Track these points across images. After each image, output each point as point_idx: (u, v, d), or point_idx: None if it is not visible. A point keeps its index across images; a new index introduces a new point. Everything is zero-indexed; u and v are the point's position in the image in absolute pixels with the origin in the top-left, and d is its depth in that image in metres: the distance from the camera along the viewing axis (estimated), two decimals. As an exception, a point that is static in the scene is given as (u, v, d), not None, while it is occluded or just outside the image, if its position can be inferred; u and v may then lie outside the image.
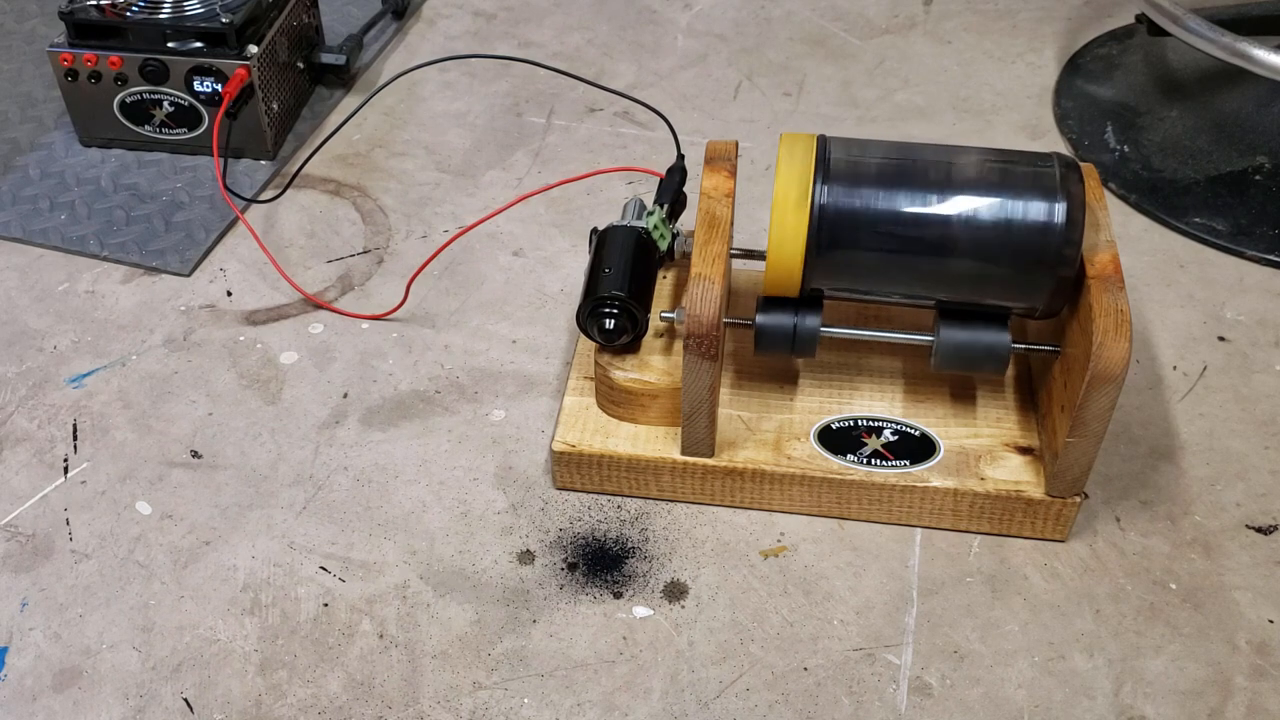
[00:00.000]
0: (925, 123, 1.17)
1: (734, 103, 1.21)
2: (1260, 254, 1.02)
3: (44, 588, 0.78)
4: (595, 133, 1.16)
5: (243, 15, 1.06)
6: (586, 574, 0.78)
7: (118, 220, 1.05)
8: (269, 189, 1.09)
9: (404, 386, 0.91)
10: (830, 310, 0.79)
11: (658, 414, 0.81)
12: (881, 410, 0.82)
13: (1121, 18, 1.31)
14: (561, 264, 1.02)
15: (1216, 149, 1.12)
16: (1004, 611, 0.76)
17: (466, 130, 1.17)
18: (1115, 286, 0.71)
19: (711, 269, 0.73)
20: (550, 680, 0.72)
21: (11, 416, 0.89)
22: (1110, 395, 0.70)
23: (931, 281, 0.75)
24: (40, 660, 0.74)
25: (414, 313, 0.97)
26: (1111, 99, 1.20)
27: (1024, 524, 0.79)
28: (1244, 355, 0.93)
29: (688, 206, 0.90)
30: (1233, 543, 0.80)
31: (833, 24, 1.32)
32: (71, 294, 0.99)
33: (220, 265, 1.02)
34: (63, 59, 1.07)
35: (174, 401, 0.90)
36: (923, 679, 0.72)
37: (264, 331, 0.96)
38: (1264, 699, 0.71)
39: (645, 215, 0.84)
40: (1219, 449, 0.86)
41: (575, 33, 1.31)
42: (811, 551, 0.79)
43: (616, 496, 0.83)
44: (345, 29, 1.27)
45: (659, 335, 0.83)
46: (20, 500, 0.83)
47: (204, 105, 1.08)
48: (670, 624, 0.75)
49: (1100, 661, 0.73)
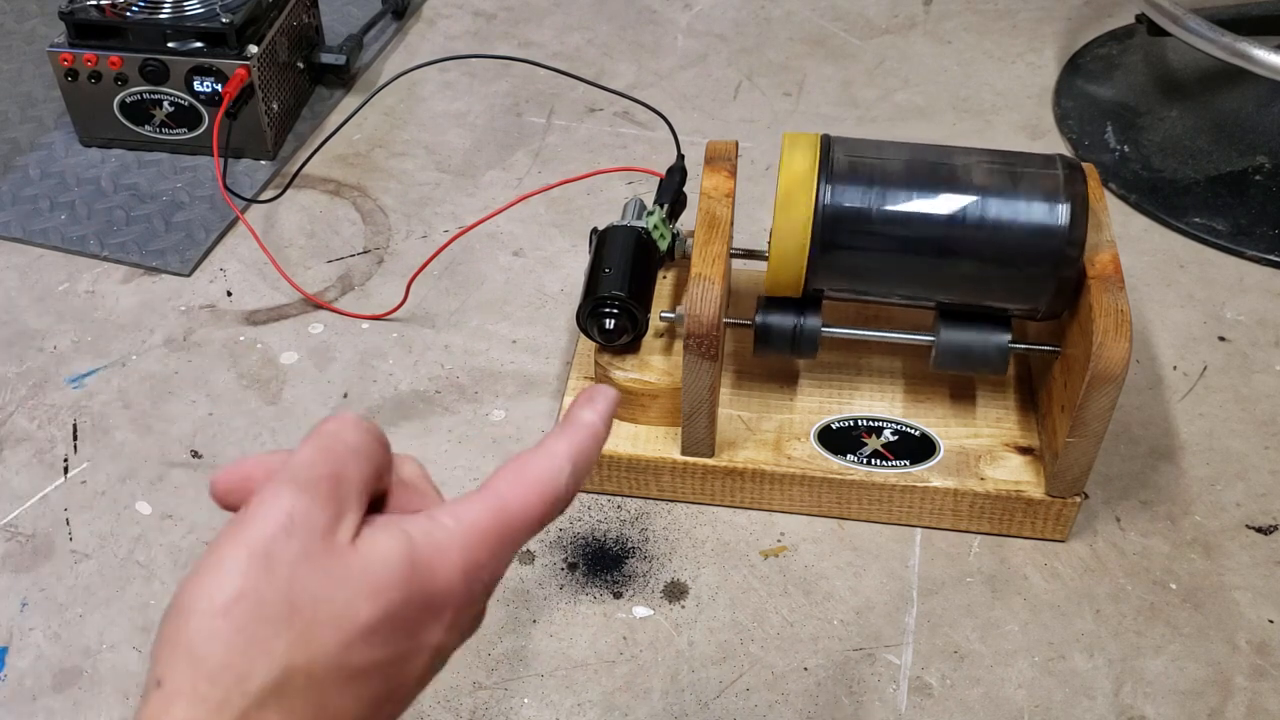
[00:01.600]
0: (925, 123, 1.17)
1: (734, 103, 1.21)
2: (1260, 254, 1.02)
3: (44, 588, 0.78)
4: (595, 133, 1.16)
5: (243, 15, 1.06)
6: (586, 574, 0.78)
7: (118, 220, 1.05)
8: (269, 189, 1.09)
9: (404, 386, 0.91)
10: (830, 310, 0.79)
11: (658, 414, 0.81)
12: (881, 410, 0.82)
13: (1121, 18, 1.31)
14: (561, 264, 1.02)
15: (1216, 149, 1.12)
16: (1004, 611, 0.76)
17: (466, 130, 1.17)
18: (1115, 286, 0.71)
19: (711, 269, 0.73)
20: (550, 680, 0.72)
21: (11, 416, 0.89)
22: (1110, 395, 0.70)
23: (933, 282, 0.75)
24: (40, 660, 0.74)
25: (414, 313, 0.97)
26: (1111, 99, 1.20)
27: (1024, 524, 0.79)
28: (1244, 355, 0.93)
29: (688, 206, 0.90)
30: (1233, 543, 0.80)
31: (833, 24, 1.32)
32: (71, 294, 0.99)
33: (220, 265, 1.02)
34: (63, 59, 1.07)
35: (174, 401, 0.90)
36: (923, 679, 0.72)
37: (264, 331, 0.96)
38: (1264, 699, 0.71)
39: (645, 215, 0.84)
40: (1219, 449, 0.86)
41: (575, 33, 1.31)
42: (811, 551, 0.79)
43: (616, 496, 0.83)
44: (345, 29, 1.26)
45: (659, 335, 0.83)
46: (20, 500, 0.83)
47: (204, 105, 1.08)
48: (670, 624, 0.75)
49: (1100, 661, 0.73)
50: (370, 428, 0.39)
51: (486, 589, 0.39)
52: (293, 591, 0.34)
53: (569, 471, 0.40)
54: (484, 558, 0.38)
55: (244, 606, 0.33)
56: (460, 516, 0.38)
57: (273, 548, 0.34)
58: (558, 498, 0.40)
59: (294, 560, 0.34)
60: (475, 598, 0.38)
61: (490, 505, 0.38)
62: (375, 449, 0.38)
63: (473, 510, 0.38)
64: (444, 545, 0.37)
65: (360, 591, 0.35)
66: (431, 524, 0.37)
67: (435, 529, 0.37)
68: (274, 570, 0.34)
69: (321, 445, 0.37)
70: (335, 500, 0.36)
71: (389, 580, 0.35)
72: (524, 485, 0.39)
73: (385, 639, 0.35)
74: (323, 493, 0.36)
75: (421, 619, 0.36)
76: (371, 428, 0.39)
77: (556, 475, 0.40)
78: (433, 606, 0.36)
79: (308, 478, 0.36)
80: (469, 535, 0.37)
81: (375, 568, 0.35)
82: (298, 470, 0.36)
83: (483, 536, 0.38)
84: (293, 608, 0.34)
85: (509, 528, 0.38)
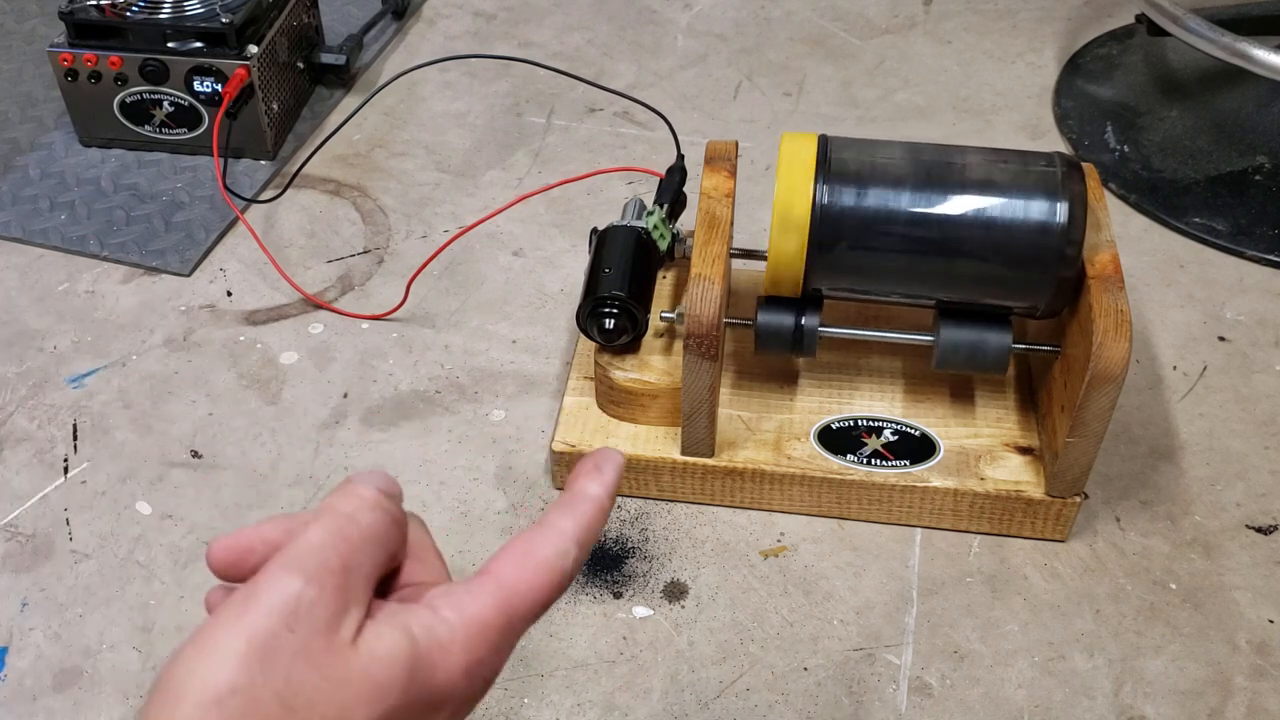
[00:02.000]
0: (925, 123, 1.17)
1: (734, 103, 1.21)
2: (1260, 254, 1.02)
3: (44, 588, 0.78)
4: (595, 133, 1.16)
5: (243, 15, 1.06)
6: (586, 574, 0.78)
7: (118, 220, 1.05)
8: (269, 189, 1.09)
9: (404, 386, 0.91)
10: (830, 310, 0.79)
11: (658, 414, 0.81)
12: (881, 410, 0.82)
13: (1121, 18, 1.31)
14: (561, 264, 1.02)
15: (1216, 149, 1.12)
16: (1004, 611, 0.76)
17: (466, 130, 1.17)
18: (1115, 286, 0.71)
19: (711, 269, 0.73)
20: (550, 680, 0.72)
21: (11, 416, 0.89)
22: (1110, 395, 0.70)
23: (933, 281, 0.75)
24: (40, 660, 0.74)
25: (414, 313, 0.97)
26: (1111, 99, 1.20)
27: (1024, 524, 0.79)
28: (1244, 355, 0.93)
29: (688, 206, 0.90)
30: (1233, 543, 0.80)
31: (833, 24, 1.32)
32: (71, 294, 0.99)
33: (220, 265, 1.02)
34: (63, 59, 1.07)
35: (174, 401, 0.90)
36: (923, 679, 0.72)
37: (264, 331, 0.96)
38: (1264, 699, 0.71)
39: (645, 215, 0.84)
40: (1219, 449, 0.86)
41: (575, 33, 1.31)
42: (811, 551, 0.79)
43: (616, 496, 0.83)
44: (345, 29, 1.26)
45: (659, 335, 0.83)
46: (20, 500, 0.83)
47: (204, 105, 1.08)
48: (670, 624, 0.75)
49: (1100, 661, 0.73)
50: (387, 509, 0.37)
51: (487, 683, 0.37)
52: (289, 690, 0.33)
53: (574, 554, 0.39)
54: (487, 653, 0.37)
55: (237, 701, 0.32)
56: (464, 609, 0.36)
57: (273, 641, 0.33)
58: (563, 581, 0.38)
59: (293, 656, 0.33)
60: (476, 692, 0.37)
61: (494, 595, 0.37)
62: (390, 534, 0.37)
63: (477, 602, 0.37)
64: (446, 643, 0.36)
65: (360, 696, 0.34)
66: (434, 618, 0.36)
67: (438, 624, 0.36)
68: (272, 666, 0.33)
69: (335, 530, 0.36)
70: (343, 593, 0.35)
71: (389, 683, 0.34)
72: (529, 570, 0.38)
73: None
74: (331, 586, 0.34)
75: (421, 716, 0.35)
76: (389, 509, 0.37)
77: (562, 557, 0.38)
78: (432, 704, 0.36)
79: (317, 566, 0.34)
80: (472, 630, 0.36)
81: (376, 670, 0.34)
82: (307, 557, 0.35)
83: (485, 630, 0.36)
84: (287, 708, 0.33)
85: (513, 618, 0.37)
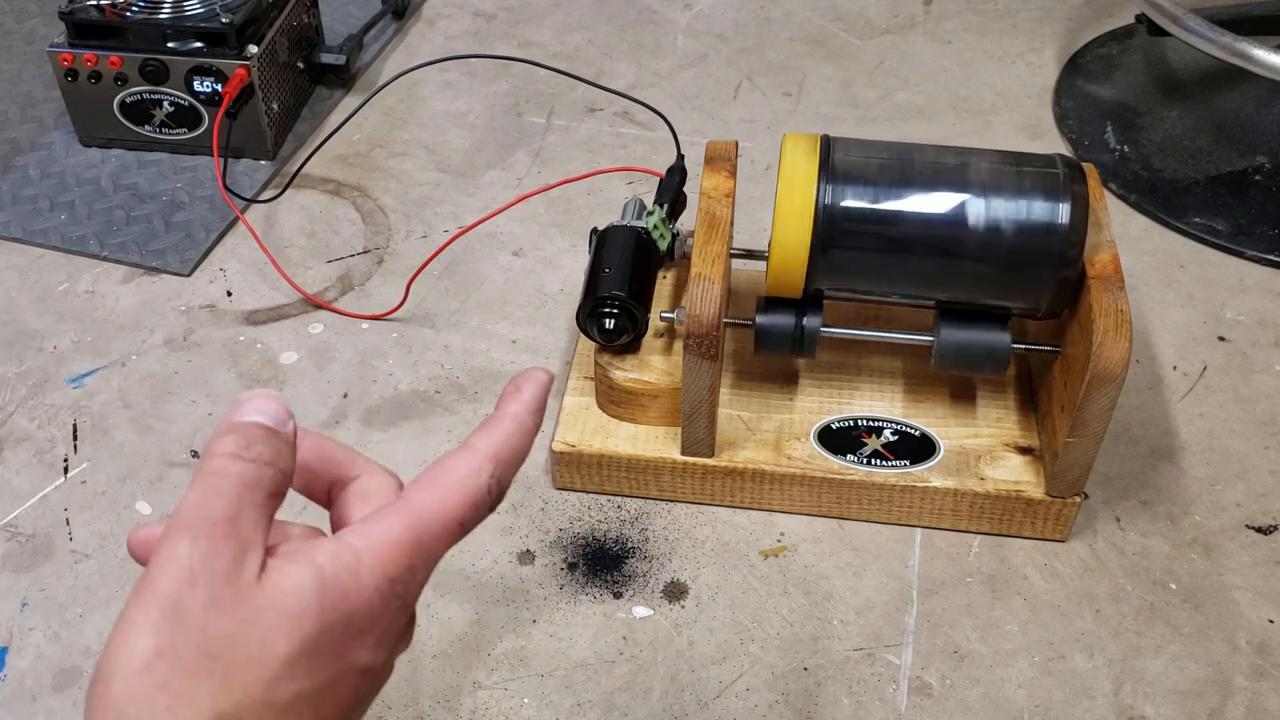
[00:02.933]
0: (925, 123, 1.17)
1: (734, 103, 1.21)
2: (1260, 254, 1.02)
3: (44, 588, 0.78)
4: (595, 133, 1.16)
5: (243, 15, 1.06)
6: (586, 574, 0.78)
7: (118, 220, 1.05)
8: (269, 189, 1.09)
9: (404, 386, 0.91)
10: (830, 310, 0.79)
11: (658, 414, 0.81)
12: (881, 410, 0.82)
13: (1121, 18, 1.31)
14: (561, 264, 1.02)
15: (1216, 149, 1.12)
16: (1004, 611, 0.76)
17: (466, 130, 1.17)
18: (1115, 286, 0.71)
19: (711, 269, 0.73)
20: (550, 680, 0.72)
21: (11, 416, 0.89)
22: (1110, 395, 0.70)
23: (934, 282, 0.75)
24: (40, 660, 0.74)
25: (414, 313, 0.97)
26: (1111, 99, 1.20)
27: (1024, 524, 0.79)
28: (1244, 355, 0.93)
29: (688, 206, 0.90)
30: (1233, 543, 0.80)
31: (833, 24, 1.32)
32: (71, 294, 0.99)
33: (220, 265, 1.02)
34: (63, 59, 1.07)
35: (174, 401, 0.90)
36: (923, 679, 0.72)
37: (264, 331, 0.96)
38: (1264, 699, 0.71)
39: (645, 215, 0.84)
40: (1219, 449, 0.86)
41: (575, 33, 1.31)
42: (811, 551, 0.79)
43: (616, 496, 0.83)
44: (345, 29, 1.26)
45: (659, 335, 0.83)
46: (20, 500, 0.83)
47: (204, 105, 1.08)
48: (670, 624, 0.75)
49: (1100, 661, 0.73)
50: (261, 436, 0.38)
51: (405, 601, 0.38)
52: (207, 640, 0.34)
53: (489, 471, 0.39)
54: (398, 571, 0.37)
55: (162, 663, 0.33)
56: (368, 534, 0.37)
57: (179, 601, 0.34)
58: (478, 500, 0.39)
59: (203, 609, 0.34)
60: (394, 613, 0.37)
61: (403, 516, 0.38)
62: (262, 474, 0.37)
63: (382, 524, 0.38)
64: (352, 566, 0.36)
65: (274, 628, 0.34)
66: (339, 545, 0.37)
67: (342, 550, 0.37)
68: (185, 622, 0.34)
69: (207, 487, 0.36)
70: (234, 540, 0.35)
71: (301, 611, 0.35)
72: (440, 490, 0.38)
73: (308, 669, 0.35)
74: (219, 536, 0.35)
75: (343, 642, 0.36)
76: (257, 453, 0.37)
77: (476, 475, 0.39)
78: (352, 628, 0.36)
79: (200, 521, 0.35)
80: (379, 551, 0.37)
81: (285, 601, 0.35)
82: (189, 516, 0.35)
83: (395, 549, 0.37)
84: (210, 656, 0.33)
85: (424, 536, 0.38)
